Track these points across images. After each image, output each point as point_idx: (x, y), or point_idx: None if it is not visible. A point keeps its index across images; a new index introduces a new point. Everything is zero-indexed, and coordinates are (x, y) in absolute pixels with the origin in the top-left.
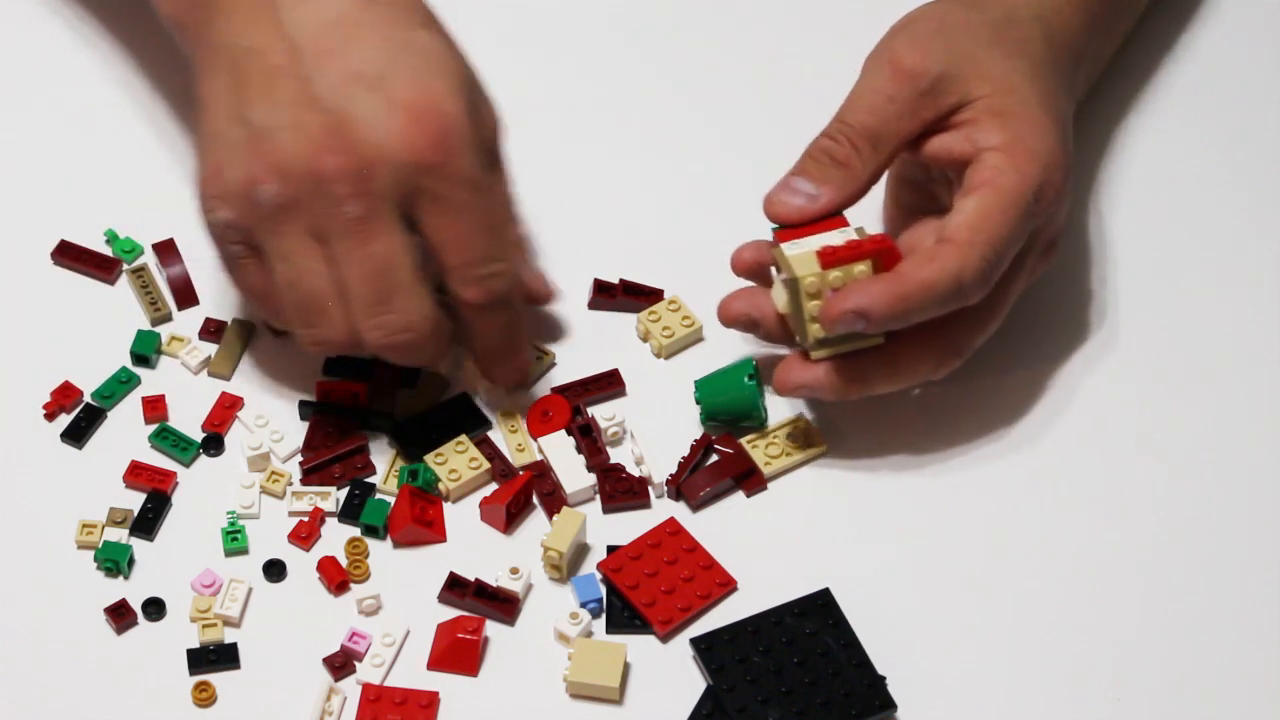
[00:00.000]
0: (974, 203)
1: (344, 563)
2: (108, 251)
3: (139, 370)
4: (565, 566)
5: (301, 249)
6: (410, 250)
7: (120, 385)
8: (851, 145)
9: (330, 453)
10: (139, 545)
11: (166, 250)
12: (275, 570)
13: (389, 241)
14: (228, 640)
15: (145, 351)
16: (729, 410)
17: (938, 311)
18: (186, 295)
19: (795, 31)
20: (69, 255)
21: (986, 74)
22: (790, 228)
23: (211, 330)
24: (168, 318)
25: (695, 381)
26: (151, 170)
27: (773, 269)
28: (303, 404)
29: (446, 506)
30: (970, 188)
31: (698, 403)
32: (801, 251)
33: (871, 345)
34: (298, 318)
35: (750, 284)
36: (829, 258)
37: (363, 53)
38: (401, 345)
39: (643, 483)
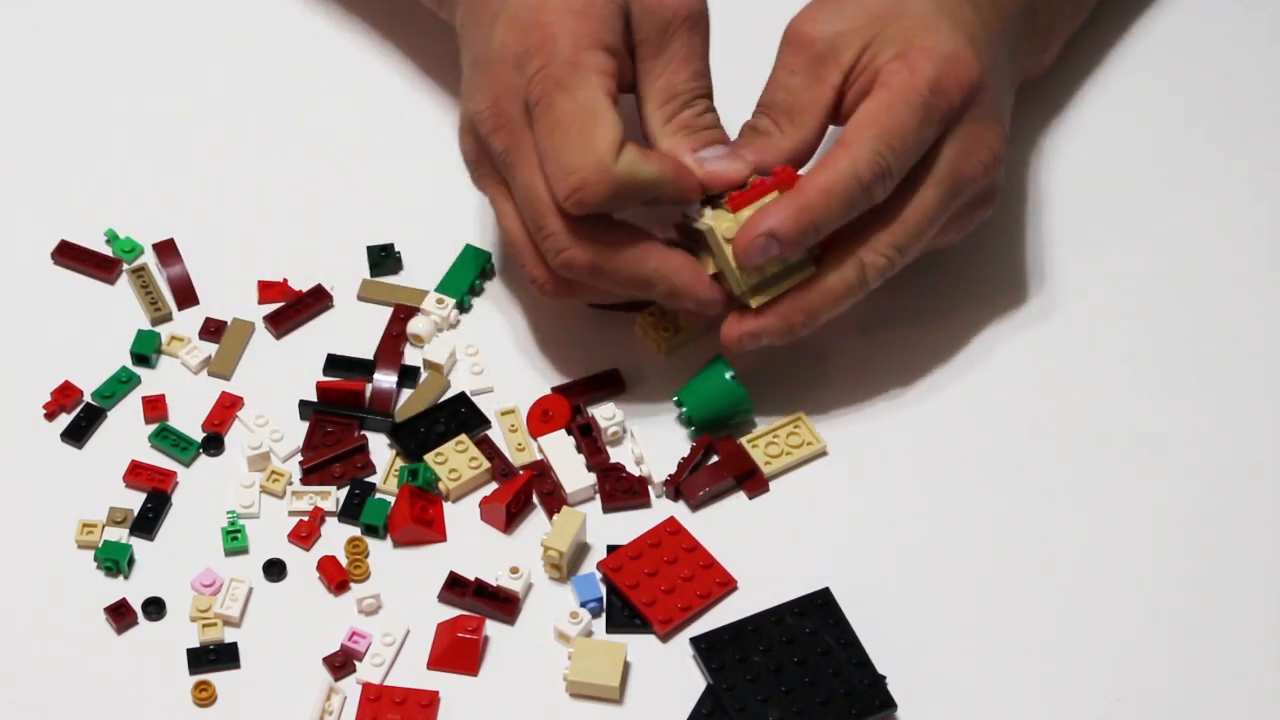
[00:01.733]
0: (866, 104)
1: (344, 562)
2: (108, 251)
3: (139, 370)
4: (565, 566)
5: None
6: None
7: (120, 385)
8: (772, 121)
9: (330, 452)
10: (139, 545)
11: (166, 250)
12: (275, 570)
13: (523, 176)
14: (228, 640)
15: (145, 351)
16: (721, 413)
17: (848, 214)
18: (186, 295)
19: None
20: (69, 255)
21: (879, 15)
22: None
23: (211, 330)
24: (168, 318)
25: (676, 396)
26: (151, 170)
27: (692, 242)
28: (303, 404)
29: (446, 506)
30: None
31: (685, 417)
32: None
33: (804, 277)
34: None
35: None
36: (737, 201)
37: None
38: (566, 265)
39: (643, 482)
